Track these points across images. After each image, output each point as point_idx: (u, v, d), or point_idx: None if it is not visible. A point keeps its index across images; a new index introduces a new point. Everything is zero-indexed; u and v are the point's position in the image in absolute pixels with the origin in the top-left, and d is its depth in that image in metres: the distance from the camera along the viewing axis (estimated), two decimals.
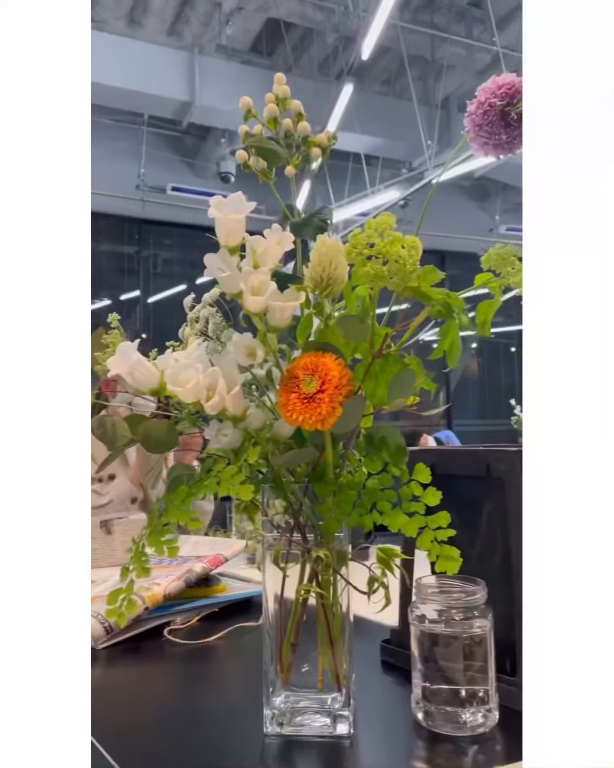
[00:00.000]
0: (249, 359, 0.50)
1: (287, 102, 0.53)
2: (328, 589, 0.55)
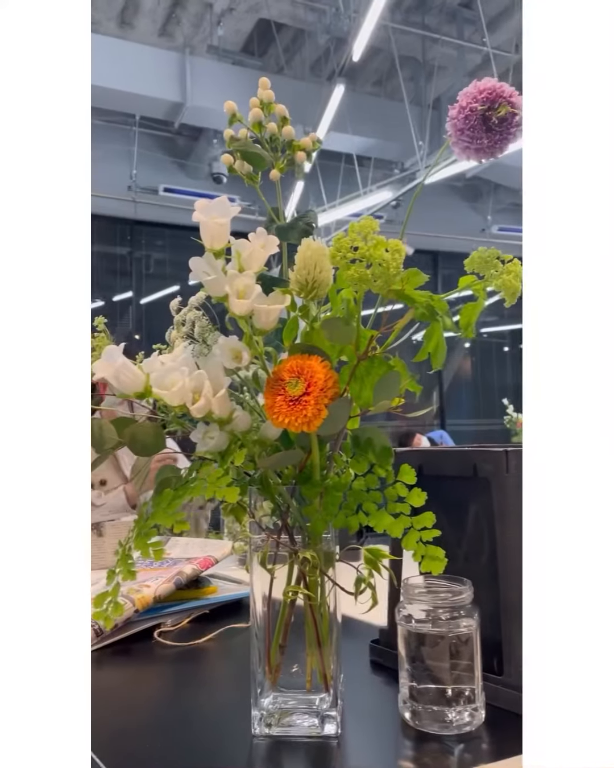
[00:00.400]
0: (235, 362, 0.50)
1: (272, 106, 0.53)
2: (316, 591, 0.55)
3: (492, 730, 0.54)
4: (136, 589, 0.83)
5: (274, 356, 0.54)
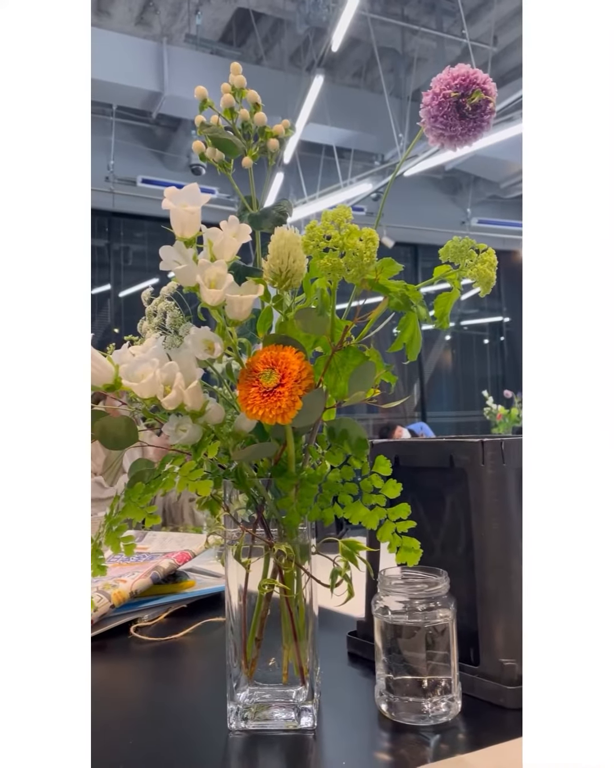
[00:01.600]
0: (207, 353, 0.49)
1: (243, 92, 0.52)
2: (291, 584, 0.55)
3: (468, 720, 0.54)
4: (112, 584, 0.82)
5: (248, 347, 0.54)
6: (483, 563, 0.60)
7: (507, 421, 4.54)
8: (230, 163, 0.55)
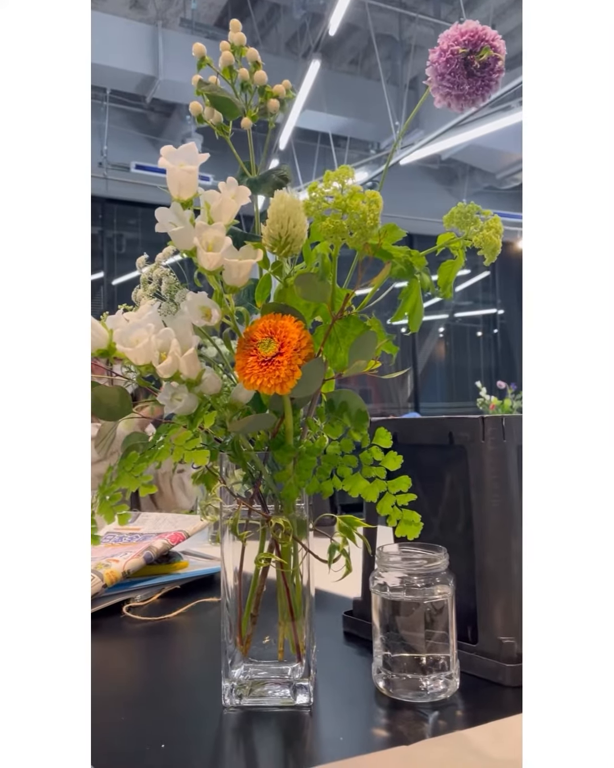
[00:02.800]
0: (204, 320, 0.48)
1: (243, 50, 0.50)
2: (288, 559, 0.54)
3: (467, 697, 0.53)
4: (105, 563, 0.81)
5: (246, 317, 0.52)
6: (483, 541, 0.59)
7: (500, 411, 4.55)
8: (229, 126, 0.53)
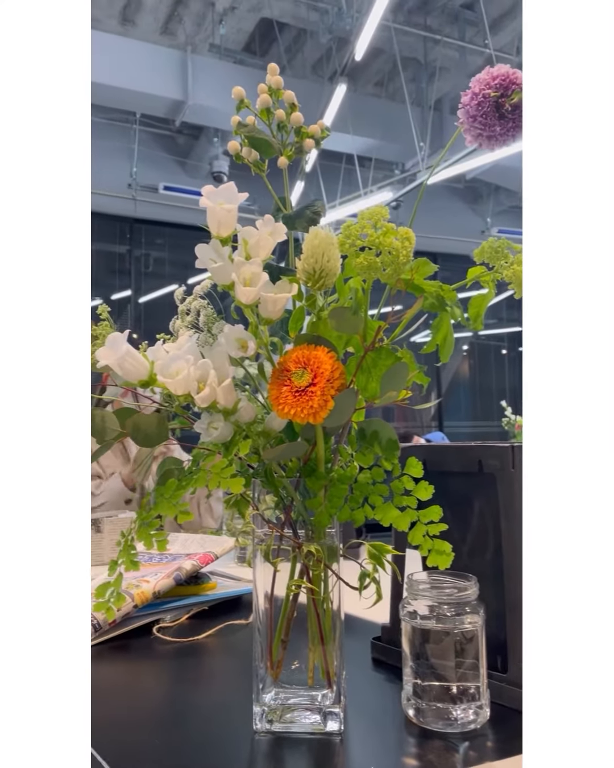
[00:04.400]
0: (240, 351, 0.49)
1: (280, 93, 0.52)
2: (319, 585, 0.54)
3: (497, 728, 0.53)
4: (135, 584, 0.82)
5: (280, 347, 0.54)
6: (513, 570, 0.59)
7: None
8: (264, 163, 0.55)
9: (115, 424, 0.54)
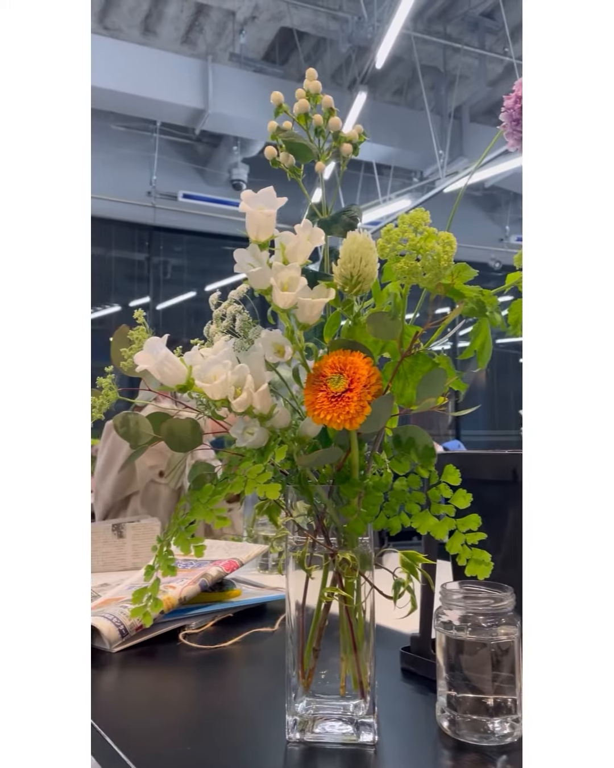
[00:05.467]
0: (277, 356, 0.49)
1: (318, 97, 0.52)
2: (352, 593, 0.54)
3: None
4: (162, 590, 0.82)
5: (315, 352, 0.53)
6: None
7: None
8: (300, 168, 0.55)
9: (149, 429, 0.54)
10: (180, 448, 0.53)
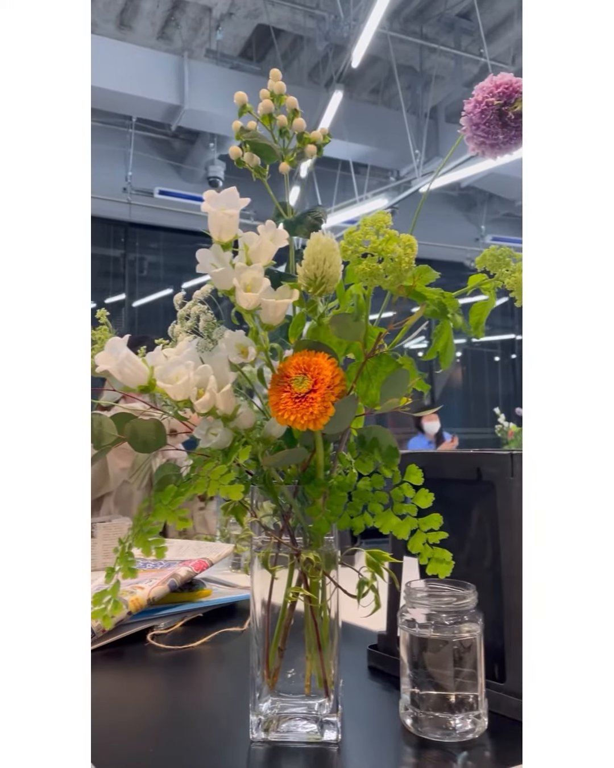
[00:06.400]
0: (241, 357, 0.49)
1: (282, 98, 0.52)
2: (317, 593, 0.54)
3: (495, 738, 0.53)
4: (129, 590, 0.81)
5: (280, 353, 0.53)
6: (511, 579, 0.59)
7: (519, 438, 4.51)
8: (265, 168, 0.55)
9: (113, 430, 0.54)
10: (144, 449, 0.52)
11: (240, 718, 0.55)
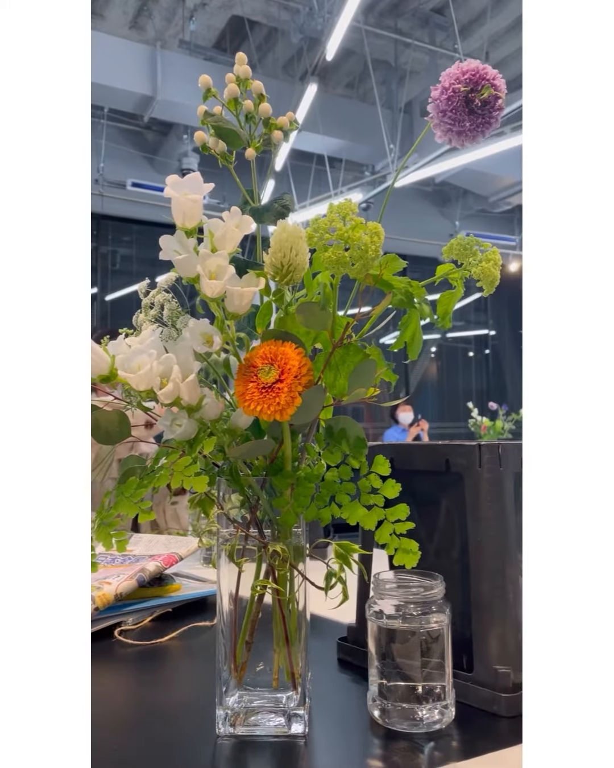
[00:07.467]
0: (205, 346, 0.48)
1: (248, 83, 0.51)
2: (285, 585, 0.53)
3: (462, 727, 0.53)
4: (97, 586, 0.80)
5: (246, 342, 0.53)
6: (479, 569, 0.59)
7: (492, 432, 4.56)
8: (232, 155, 0.54)
9: None
10: (106, 441, 0.51)
11: (207, 713, 0.54)
